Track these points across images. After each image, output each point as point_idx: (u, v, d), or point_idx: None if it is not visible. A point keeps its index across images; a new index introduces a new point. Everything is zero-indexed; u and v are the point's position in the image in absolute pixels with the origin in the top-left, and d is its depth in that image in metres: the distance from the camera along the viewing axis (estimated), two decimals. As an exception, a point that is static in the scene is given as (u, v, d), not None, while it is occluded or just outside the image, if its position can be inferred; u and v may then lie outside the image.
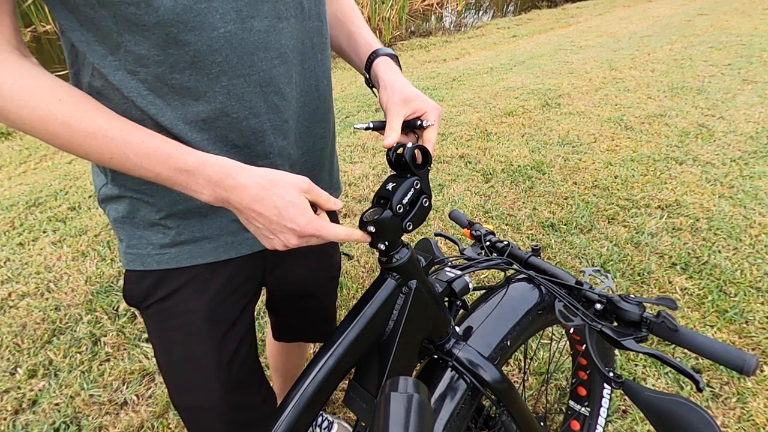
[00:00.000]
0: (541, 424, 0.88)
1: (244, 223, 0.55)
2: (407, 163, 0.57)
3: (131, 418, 1.34)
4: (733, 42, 4.89)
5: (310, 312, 0.92)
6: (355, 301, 0.61)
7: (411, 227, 0.58)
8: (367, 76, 0.72)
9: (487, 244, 0.82)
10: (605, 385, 1.05)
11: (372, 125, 0.64)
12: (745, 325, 1.53)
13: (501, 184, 2.45)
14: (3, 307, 1.75)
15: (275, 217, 0.51)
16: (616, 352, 1.32)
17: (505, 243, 0.81)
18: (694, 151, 2.69)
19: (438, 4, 8.55)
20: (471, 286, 0.71)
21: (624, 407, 1.30)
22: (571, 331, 0.95)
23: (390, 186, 0.57)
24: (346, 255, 1.96)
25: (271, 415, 0.55)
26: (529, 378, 1.42)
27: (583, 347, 0.97)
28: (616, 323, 0.65)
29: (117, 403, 1.38)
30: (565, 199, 2.30)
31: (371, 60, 0.70)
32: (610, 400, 1.07)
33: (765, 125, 2.95)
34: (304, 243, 0.54)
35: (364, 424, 0.66)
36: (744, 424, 1.25)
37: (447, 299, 0.71)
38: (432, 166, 0.61)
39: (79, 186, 2.60)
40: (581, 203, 2.24)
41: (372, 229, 0.56)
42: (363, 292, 0.71)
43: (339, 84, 4.48)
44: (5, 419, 1.35)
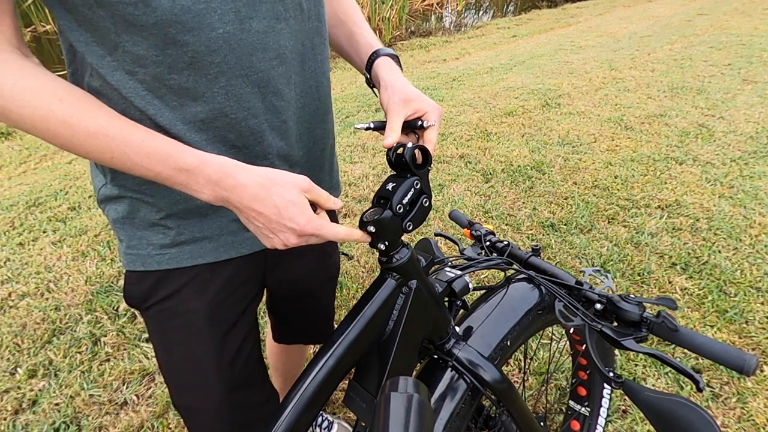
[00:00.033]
0: (541, 424, 0.88)
1: (244, 222, 0.55)
2: (407, 163, 0.57)
3: (131, 418, 1.34)
4: (733, 42, 4.89)
5: (310, 312, 0.92)
6: (355, 301, 0.61)
7: (411, 227, 0.58)
8: (368, 76, 0.72)
9: (487, 244, 0.82)
10: (605, 385, 1.05)
11: (372, 125, 0.64)
12: (745, 325, 1.53)
13: (501, 184, 2.45)
14: (3, 307, 1.75)
15: (275, 217, 0.51)
16: (616, 352, 1.32)
17: (505, 243, 0.81)
18: (694, 151, 2.69)
19: (438, 4, 8.55)
20: (471, 286, 0.71)
21: (624, 407, 1.31)
22: (571, 331, 0.95)
23: (390, 186, 0.57)
24: (346, 255, 1.96)
25: (272, 415, 0.55)
26: (529, 378, 1.42)
27: (583, 347, 0.97)
28: (616, 323, 0.65)
29: (117, 403, 1.38)
30: (565, 199, 2.30)
31: (372, 60, 0.70)
32: (610, 400, 1.07)
33: (765, 125, 2.95)
34: (303, 242, 0.54)
35: (364, 424, 0.66)
36: (744, 424, 1.25)
37: (447, 299, 0.71)
38: (432, 166, 0.61)
39: (79, 186, 2.60)
40: (581, 203, 2.24)
41: (372, 229, 0.56)
42: (363, 292, 0.71)
43: (339, 84, 4.48)
44: (5, 419, 1.35)
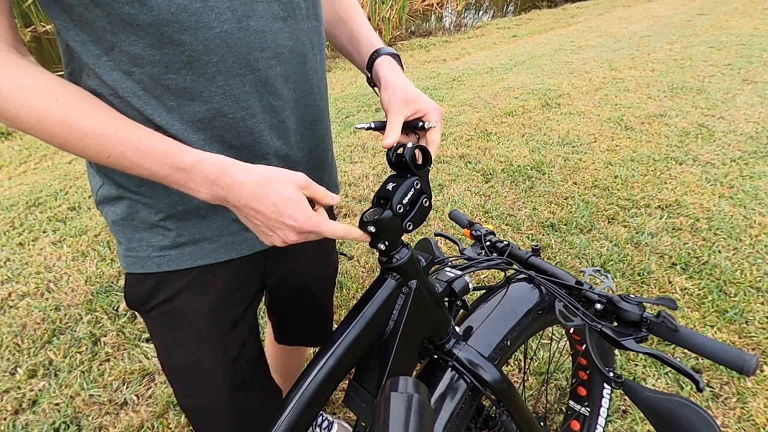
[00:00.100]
0: (541, 424, 0.88)
1: (242, 221, 0.54)
2: (407, 163, 0.57)
3: (131, 418, 1.34)
4: (733, 42, 4.89)
5: (310, 312, 0.92)
6: (355, 301, 0.61)
7: (411, 227, 0.58)
8: (369, 75, 0.71)
9: (487, 244, 0.82)
10: (605, 385, 1.05)
11: (373, 125, 0.64)
12: (745, 325, 1.53)
13: (501, 184, 2.45)
14: (3, 307, 1.75)
15: (273, 214, 0.51)
16: (616, 352, 1.32)
17: (505, 243, 0.81)
18: (694, 151, 2.69)
19: (438, 4, 8.55)
20: (471, 286, 0.71)
21: (624, 407, 1.30)
22: (571, 331, 0.95)
23: (390, 186, 0.57)
24: (345, 255, 1.96)
25: (272, 415, 0.55)
26: (529, 378, 1.42)
27: (583, 347, 0.97)
28: (616, 323, 0.65)
29: (117, 403, 1.38)
30: (565, 199, 2.30)
31: (373, 59, 0.70)
32: (610, 400, 1.07)
33: (765, 125, 2.95)
34: (302, 239, 0.54)
35: (364, 424, 0.66)
36: (744, 424, 1.25)
37: (447, 299, 0.71)
38: (432, 166, 0.61)
39: (79, 186, 2.60)
40: (581, 203, 2.24)
41: (372, 229, 0.56)
42: (363, 292, 0.71)
43: (339, 84, 4.48)
44: (5, 419, 1.35)
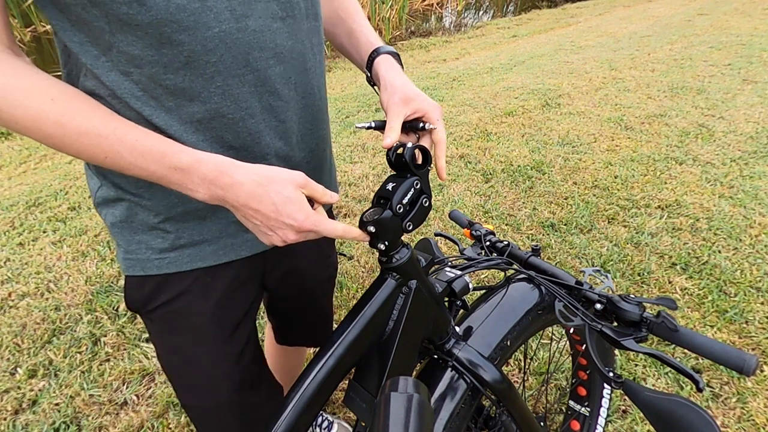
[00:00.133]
0: (541, 424, 0.88)
1: (241, 221, 0.54)
2: (407, 163, 0.57)
3: (131, 418, 1.34)
4: (733, 42, 4.89)
5: (310, 312, 0.92)
6: (355, 301, 0.61)
7: (411, 227, 0.58)
8: (369, 74, 0.71)
9: (487, 244, 0.82)
10: (605, 385, 1.05)
11: (374, 124, 0.63)
12: (745, 325, 1.53)
13: (501, 184, 2.45)
14: (3, 307, 1.75)
15: (273, 214, 0.51)
16: (616, 352, 1.32)
17: (505, 243, 0.81)
18: (694, 151, 2.69)
19: (438, 4, 8.55)
20: (471, 286, 0.71)
21: (624, 407, 1.30)
22: (571, 331, 0.95)
23: (390, 186, 0.57)
24: (344, 255, 1.96)
25: (272, 415, 0.55)
26: (529, 378, 1.42)
27: (583, 347, 0.97)
28: (616, 323, 0.65)
29: (117, 403, 1.38)
30: (565, 199, 2.30)
31: (372, 58, 0.70)
32: (610, 400, 1.07)
33: (765, 125, 2.95)
34: (302, 238, 0.54)
35: (364, 424, 0.66)
36: (744, 424, 1.25)
37: (447, 299, 0.71)
38: (432, 166, 0.61)
39: (79, 186, 2.60)
40: (581, 203, 2.24)
41: (372, 228, 0.56)
42: (363, 292, 0.71)
43: (339, 84, 4.48)
44: (5, 419, 1.35)
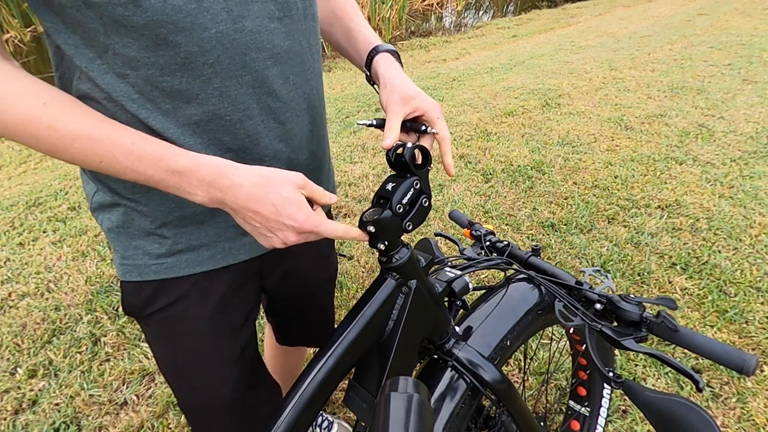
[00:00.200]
0: (541, 424, 0.88)
1: (240, 224, 0.54)
2: (407, 163, 0.57)
3: (131, 418, 1.34)
4: (733, 42, 4.89)
5: (310, 313, 0.91)
6: (355, 301, 0.61)
7: (411, 227, 0.58)
8: (368, 73, 0.71)
9: (487, 244, 0.82)
10: (605, 385, 1.05)
11: (374, 122, 0.63)
12: (745, 325, 1.53)
13: (501, 184, 2.45)
14: (3, 307, 1.75)
15: (273, 215, 0.50)
16: (616, 352, 1.32)
17: (505, 243, 0.81)
18: (694, 151, 2.69)
19: (438, 4, 8.55)
20: (471, 286, 0.71)
21: (624, 407, 1.30)
22: (571, 331, 0.95)
23: (390, 186, 0.57)
24: (344, 256, 1.96)
25: (272, 415, 0.55)
26: (529, 378, 1.42)
27: (583, 347, 0.97)
28: (616, 323, 0.65)
29: (117, 403, 1.38)
30: (565, 199, 2.30)
31: (371, 57, 0.69)
32: (610, 400, 1.07)
33: (765, 125, 2.95)
34: (302, 239, 0.53)
35: (364, 424, 0.66)
36: (744, 424, 1.25)
37: (447, 299, 0.71)
38: (432, 166, 0.61)
39: (79, 186, 2.60)
40: (581, 203, 2.24)
41: (372, 228, 0.56)
42: (363, 292, 0.71)
43: (339, 84, 4.48)
44: (5, 419, 1.35)
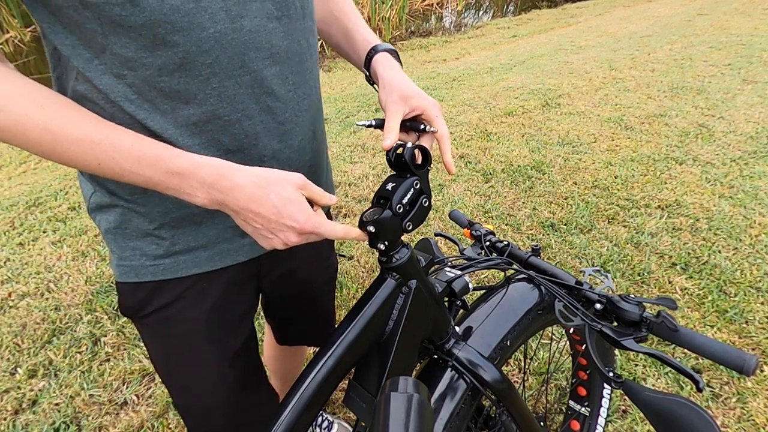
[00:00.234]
0: (541, 424, 0.88)
1: (240, 225, 0.53)
2: (407, 163, 0.57)
3: (131, 418, 1.34)
4: (733, 42, 4.89)
5: (310, 314, 0.91)
6: (355, 301, 0.61)
7: (411, 227, 0.58)
8: (367, 73, 0.71)
9: (487, 244, 0.82)
10: (605, 385, 1.05)
11: (374, 123, 0.63)
12: (745, 325, 1.53)
13: (501, 184, 2.45)
14: (3, 307, 1.75)
15: (274, 216, 0.50)
16: (616, 352, 1.32)
17: (505, 243, 0.81)
18: (694, 151, 2.69)
19: (438, 4, 8.54)
20: (471, 286, 0.71)
21: (624, 407, 1.30)
22: (571, 331, 0.95)
23: (390, 186, 0.57)
24: (343, 256, 1.96)
25: (272, 415, 0.55)
26: (529, 378, 1.42)
27: (583, 347, 0.97)
28: (616, 323, 0.65)
29: (117, 403, 1.39)
30: (565, 199, 2.30)
31: (370, 57, 0.69)
32: (610, 400, 1.07)
33: (765, 125, 2.95)
34: (304, 240, 0.53)
35: (364, 424, 0.66)
36: (744, 424, 1.25)
37: (447, 299, 0.71)
38: (432, 166, 0.61)
39: (79, 186, 2.60)
40: (581, 203, 2.24)
41: (372, 228, 0.56)
42: (363, 292, 0.71)
43: (339, 84, 4.48)
44: (5, 419, 1.35)
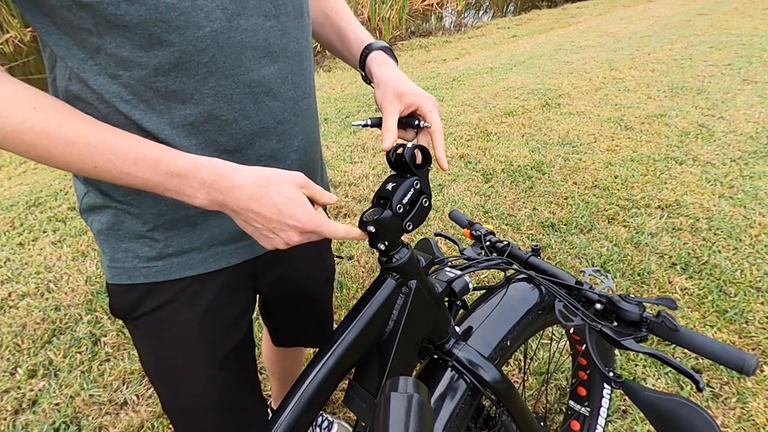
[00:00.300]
0: (541, 424, 0.88)
1: (240, 225, 0.53)
2: (407, 163, 0.57)
3: (131, 418, 1.34)
4: (733, 42, 4.89)
5: (308, 315, 0.91)
6: (355, 301, 0.61)
7: (411, 227, 0.58)
8: (363, 73, 0.70)
9: (487, 244, 0.82)
10: (605, 385, 1.05)
11: (369, 122, 0.63)
12: (745, 325, 1.53)
13: (501, 184, 2.45)
14: (3, 307, 1.75)
15: (275, 216, 0.50)
16: (616, 352, 1.32)
17: (505, 243, 0.81)
18: (694, 151, 2.69)
19: (438, 4, 8.54)
20: (471, 286, 0.71)
21: (624, 407, 1.30)
22: (571, 331, 0.95)
23: (390, 186, 0.57)
24: (341, 257, 1.96)
25: (262, 419, 0.55)
26: (529, 378, 1.42)
27: (583, 347, 0.97)
28: (616, 323, 0.65)
29: (117, 403, 1.38)
30: (565, 199, 2.30)
31: (365, 56, 0.69)
32: (610, 400, 1.07)
33: (765, 125, 2.95)
34: (305, 239, 0.53)
35: (364, 424, 0.66)
36: (744, 424, 1.25)
37: (447, 299, 0.71)
38: (432, 166, 0.61)
39: (79, 186, 2.60)
40: (581, 203, 2.24)
41: (372, 228, 0.56)
42: (363, 292, 0.71)
43: (339, 84, 4.48)
44: (5, 419, 1.35)
